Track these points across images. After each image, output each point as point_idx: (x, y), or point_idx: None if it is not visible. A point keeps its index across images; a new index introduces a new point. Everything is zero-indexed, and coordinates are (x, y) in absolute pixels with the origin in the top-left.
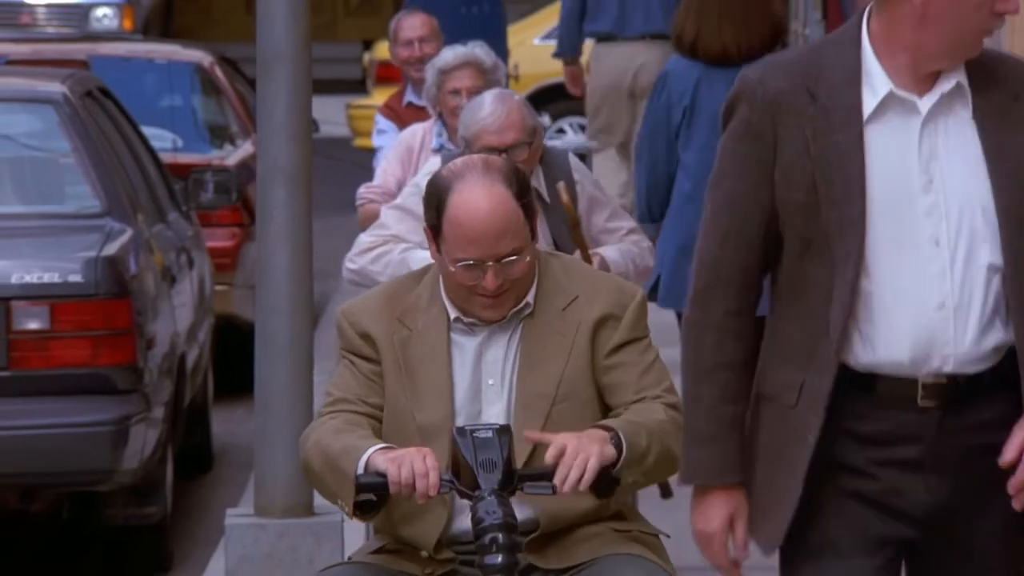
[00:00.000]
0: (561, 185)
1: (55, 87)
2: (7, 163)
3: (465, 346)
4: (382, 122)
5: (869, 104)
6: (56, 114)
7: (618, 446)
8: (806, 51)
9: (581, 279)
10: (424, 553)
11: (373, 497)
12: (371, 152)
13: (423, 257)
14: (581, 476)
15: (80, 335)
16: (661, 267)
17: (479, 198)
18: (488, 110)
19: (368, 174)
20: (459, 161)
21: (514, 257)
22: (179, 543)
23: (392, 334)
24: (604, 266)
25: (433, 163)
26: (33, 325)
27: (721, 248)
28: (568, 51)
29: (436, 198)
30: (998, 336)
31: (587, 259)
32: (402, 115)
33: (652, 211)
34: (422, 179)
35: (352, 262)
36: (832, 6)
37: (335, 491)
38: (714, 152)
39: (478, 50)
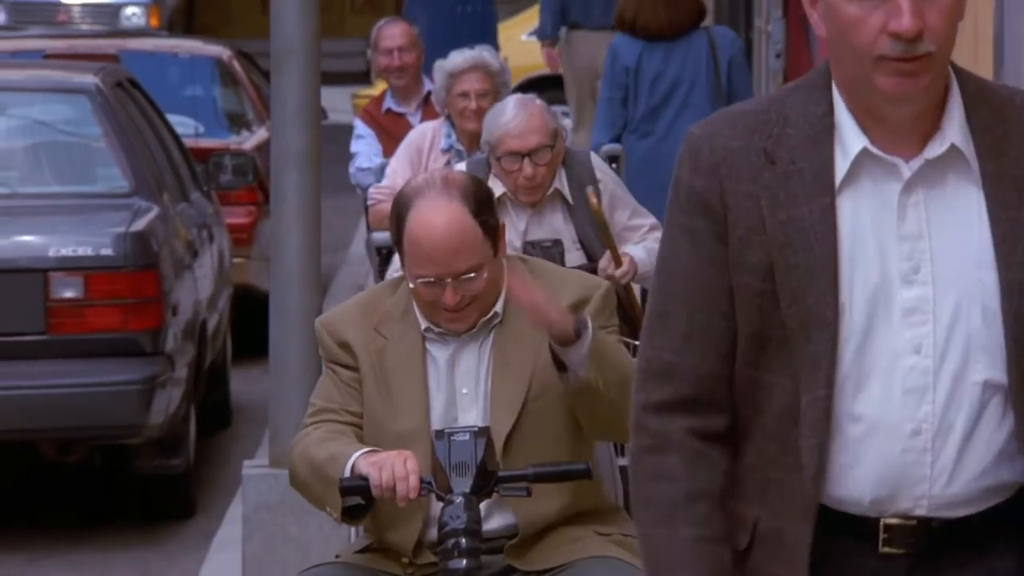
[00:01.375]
0: (590, 189)
1: (88, 79)
2: (45, 147)
3: (438, 357)
4: (360, 127)
5: (841, 166)
6: (89, 103)
7: (582, 326)
8: (767, 102)
9: (547, 279)
10: (404, 559)
11: (360, 501)
12: None
13: None
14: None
15: (111, 303)
16: (628, 175)
17: (434, 217)
18: (510, 115)
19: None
20: (421, 178)
21: (472, 275)
22: (201, 491)
23: (369, 343)
24: (634, 266)
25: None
26: (69, 294)
27: (681, 352)
28: (547, 32)
29: (398, 215)
30: (999, 473)
31: (617, 260)
32: (381, 121)
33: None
34: None
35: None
36: (793, 4)
37: (322, 498)
38: (663, 118)
39: (486, 53)
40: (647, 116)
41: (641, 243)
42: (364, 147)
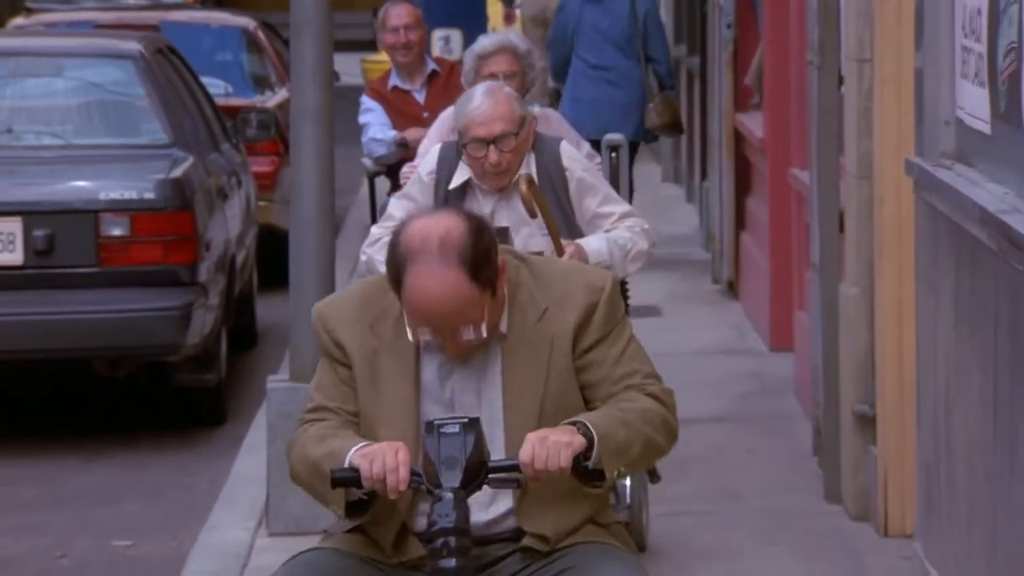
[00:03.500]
0: (521, 176)
1: (133, 46)
2: (96, 105)
3: (430, 360)
4: (367, 102)
5: None
6: (134, 67)
7: (586, 434)
8: None
9: (551, 286)
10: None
11: (363, 496)
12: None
13: None
14: (556, 466)
15: (153, 240)
16: (564, 110)
17: (431, 287)
18: (476, 102)
19: None
20: (418, 235)
21: (470, 326)
22: (231, 402)
23: (363, 344)
24: (582, 255)
25: (433, 152)
26: (117, 232)
27: None
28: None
29: (395, 269)
30: None
31: (559, 250)
32: (388, 97)
33: (557, 78)
34: (423, 168)
35: (363, 253)
36: None
37: (324, 496)
38: (596, 47)
39: (513, 37)
40: (585, 51)
41: (607, 232)
42: (374, 118)
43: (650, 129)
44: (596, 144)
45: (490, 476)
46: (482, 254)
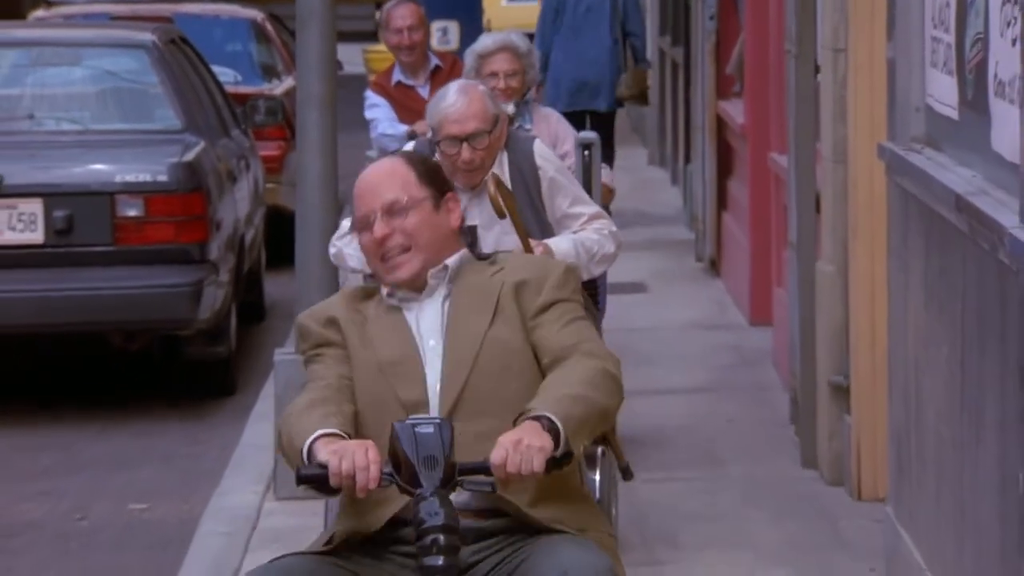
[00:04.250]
0: (490, 176)
1: (147, 36)
2: (112, 92)
3: (407, 317)
4: (373, 97)
5: None
6: (147, 56)
7: (552, 430)
8: None
9: (510, 258)
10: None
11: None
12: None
13: None
14: (530, 471)
15: (166, 220)
16: (547, 88)
17: (371, 167)
18: (450, 100)
19: None
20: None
21: (401, 210)
22: (240, 374)
23: (352, 319)
24: (550, 255)
25: (406, 148)
26: (132, 212)
27: None
28: None
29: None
30: None
31: (527, 248)
32: (392, 93)
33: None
34: None
35: (333, 246)
36: None
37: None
38: (577, 26)
39: (514, 36)
40: (569, 27)
41: (575, 233)
42: (381, 113)
43: (619, 99)
44: (573, 117)
45: (461, 478)
46: (428, 160)
